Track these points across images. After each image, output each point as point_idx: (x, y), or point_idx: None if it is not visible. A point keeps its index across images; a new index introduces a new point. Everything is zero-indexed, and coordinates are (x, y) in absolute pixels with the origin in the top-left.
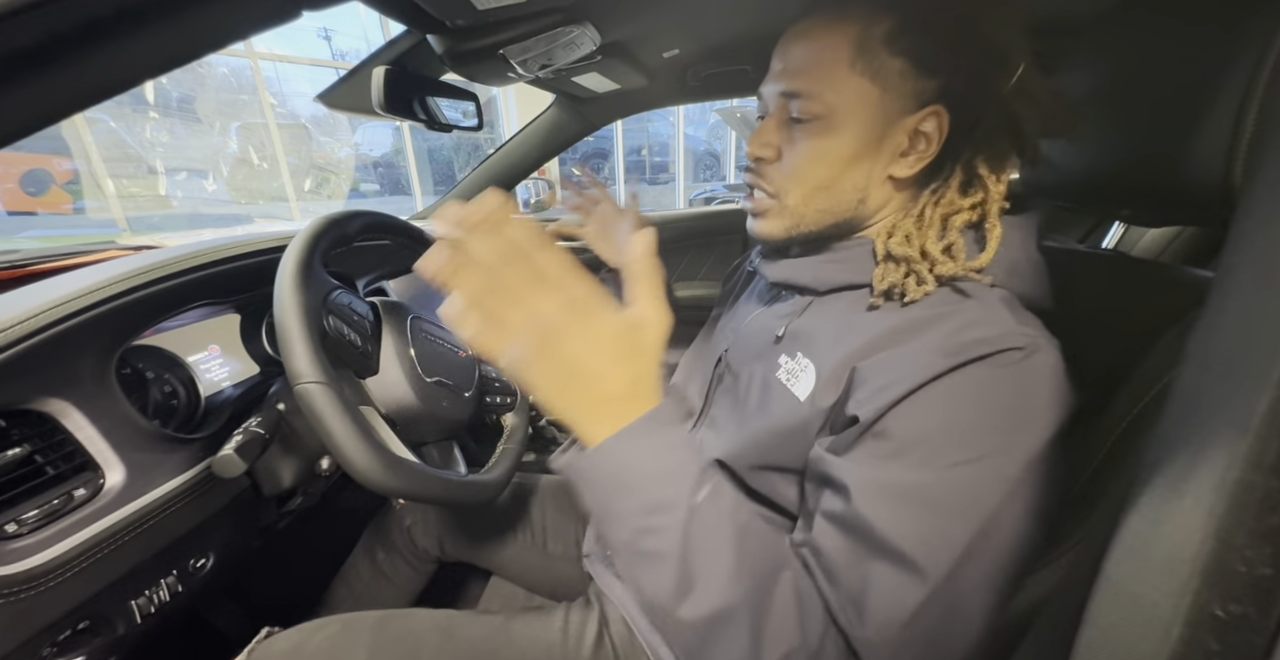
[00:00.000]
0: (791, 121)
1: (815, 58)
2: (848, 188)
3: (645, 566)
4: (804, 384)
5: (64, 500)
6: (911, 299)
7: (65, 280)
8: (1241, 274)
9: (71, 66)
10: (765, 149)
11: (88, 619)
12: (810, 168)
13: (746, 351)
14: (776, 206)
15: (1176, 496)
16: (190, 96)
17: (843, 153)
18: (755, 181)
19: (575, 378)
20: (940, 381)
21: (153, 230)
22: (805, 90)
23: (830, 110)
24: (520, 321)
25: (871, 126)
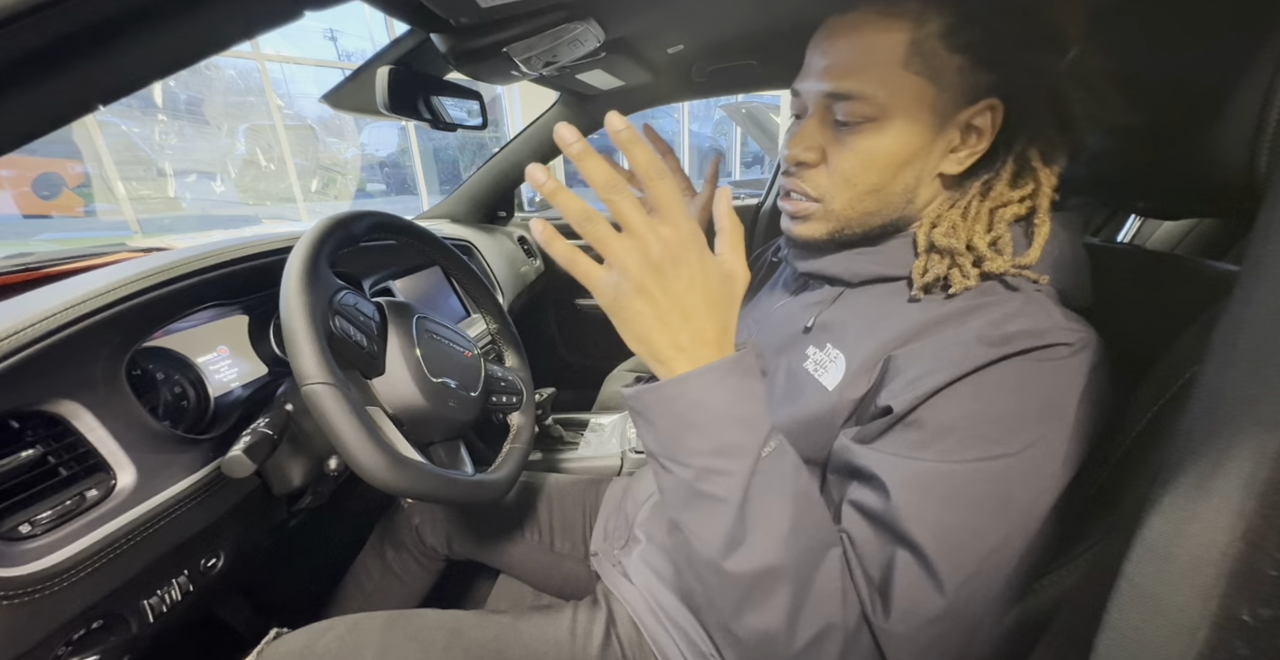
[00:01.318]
0: (836, 123)
1: (866, 57)
2: (897, 190)
3: (702, 510)
4: (833, 374)
5: (76, 501)
6: (954, 292)
7: (76, 283)
8: (1270, 266)
9: (81, 68)
10: (810, 152)
11: (102, 618)
12: (860, 172)
13: (770, 342)
14: (821, 210)
15: (1202, 496)
16: (198, 99)
17: (895, 156)
18: (797, 186)
19: (673, 314)
20: (982, 373)
21: (163, 232)
22: (857, 92)
23: (883, 112)
24: (630, 248)
25: (926, 127)
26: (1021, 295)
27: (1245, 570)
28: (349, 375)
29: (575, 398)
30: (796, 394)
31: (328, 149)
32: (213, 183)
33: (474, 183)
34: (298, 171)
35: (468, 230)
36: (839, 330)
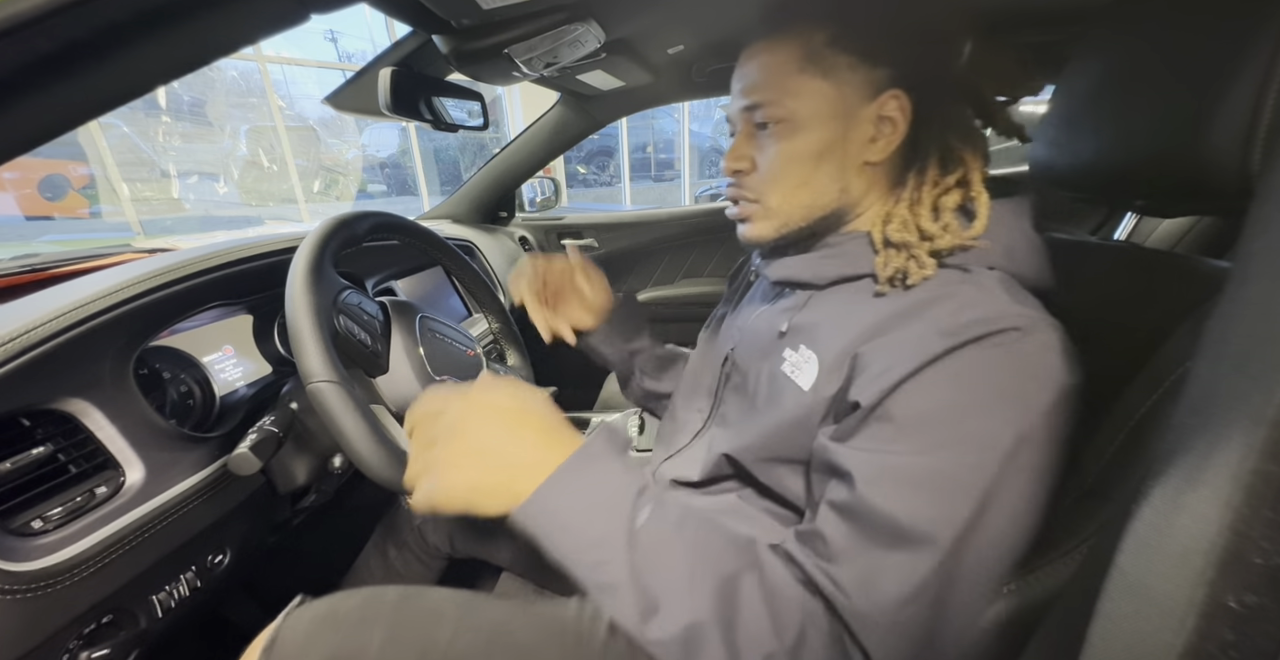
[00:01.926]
0: (759, 130)
1: (767, 71)
2: (824, 180)
3: (606, 598)
4: (807, 374)
5: (86, 498)
6: (913, 282)
7: (84, 283)
8: (1260, 262)
9: (91, 72)
10: (740, 161)
11: (112, 613)
12: (785, 168)
13: (752, 349)
14: (760, 210)
15: (1191, 487)
16: (201, 100)
17: (811, 148)
18: (737, 193)
19: (485, 458)
20: (939, 363)
21: (166, 233)
22: (764, 100)
23: (791, 113)
24: (415, 458)
25: (833, 119)
26: (975, 284)
27: (1232, 559)
28: (353, 374)
29: (577, 396)
30: (777, 397)
31: (329, 150)
32: (215, 184)
33: (475, 183)
34: (299, 172)
35: (469, 230)
36: (811, 331)
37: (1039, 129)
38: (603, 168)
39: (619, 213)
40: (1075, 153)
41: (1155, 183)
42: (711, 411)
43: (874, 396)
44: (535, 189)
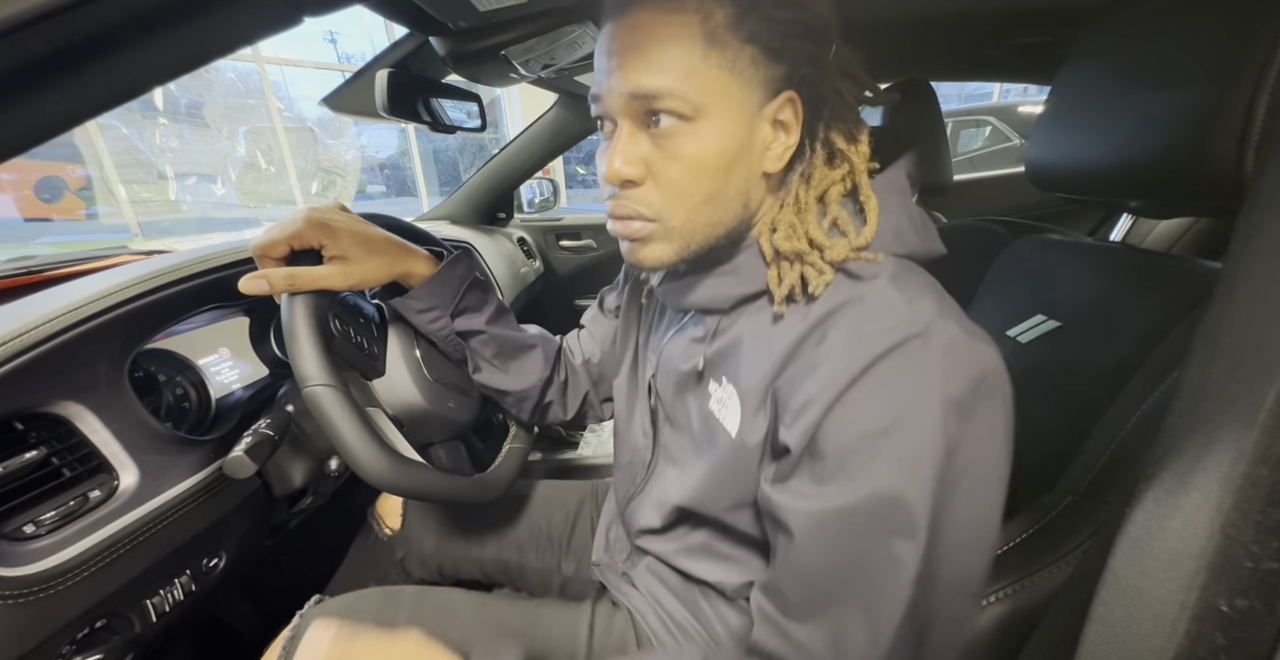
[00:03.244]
0: (651, 130)
1: (665, 53)
2: (731, 194)
3: None
4: (731, 416)
5: (80, 502)
6: (815, 292)
7: (79, 286)
8: (1250, 264)
9: (85, 74)
10: (631, 168)
11: (105, 617)
12: (692, 181)
13: (670, 382)
14: (659, 230)
15: (1183, 491)
16: (198, 102)
17: (721, 157)
18: (627, 207)
19: None
20: (853, 389)
21: (164, 235)
22: (665, 89)
23: (697, 109)
24: None
25: (740, 123)
26: (869, 289)
27: (1223, 563)
28: (349, 376)
29: None
30: (712, 439)
31: (328, 151)
32: (213, 185)
33: (473, 185)
34: (298, 174)
35: (467, 232)
36: (726, 362)
37: (1035, 130)
38: None
39: None
40: (1070, 154)
41: (1150, 184)
42: (654, 442)
43: (800, 437)
44: (534, 190)
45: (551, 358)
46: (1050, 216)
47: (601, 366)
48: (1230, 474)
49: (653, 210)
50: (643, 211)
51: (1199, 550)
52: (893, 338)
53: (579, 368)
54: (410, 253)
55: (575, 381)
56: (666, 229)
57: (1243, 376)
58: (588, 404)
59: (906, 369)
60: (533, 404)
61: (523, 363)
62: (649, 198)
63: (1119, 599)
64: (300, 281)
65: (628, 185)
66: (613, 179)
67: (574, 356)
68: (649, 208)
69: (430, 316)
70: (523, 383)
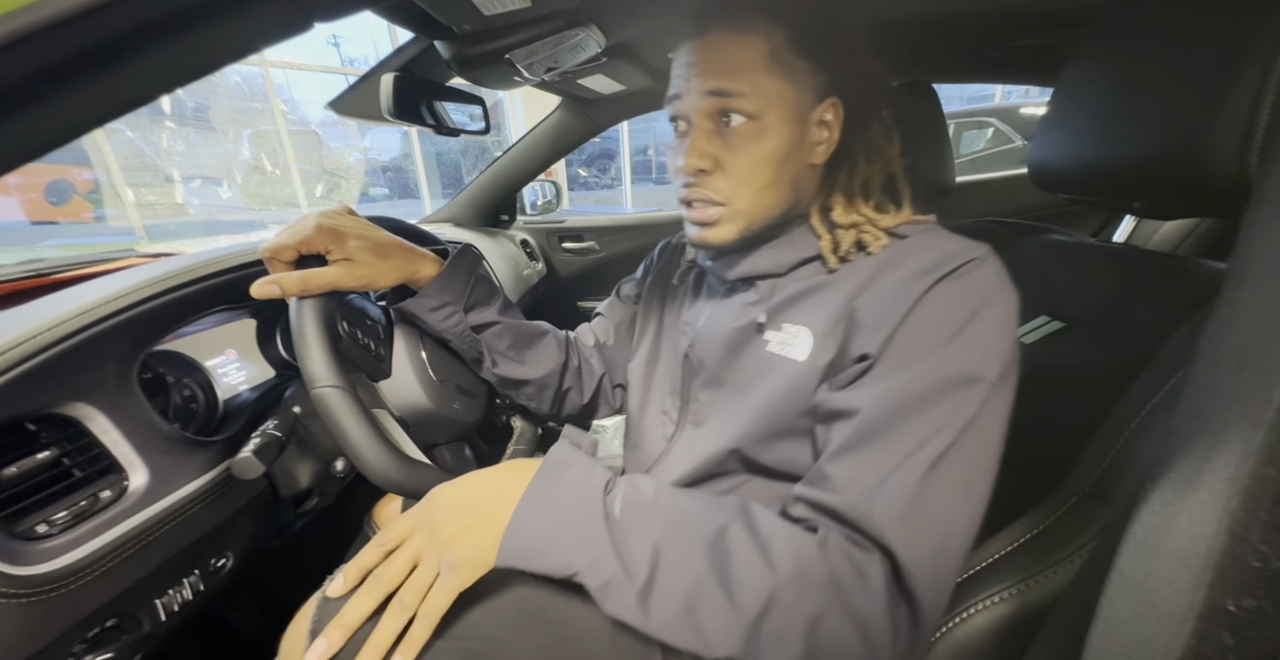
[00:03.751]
0: (722, 128)
1: (737, 64)
2: (787, 182)
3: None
4: (800, 346)
5: (91, 502)
6: (873, 251)
7: (88, 288)
8: (1256, 264)
9: (97, 80)
10: (704, 160)
11: (115, 616)
12: (755, 170)
13: (718, 345)
14: (728, 212)
15: (1190, 491)
16: (204, 105)
17: (778, 152)
18: (700, 193)
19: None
20: (923, 301)
21: (170, 237)
22: (737, 90)
23: (761, 111)
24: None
25: (794, 123)
26: (928, 236)
27: (1230, 562)
28: (356, 378)
29: None
30: (766, 375)
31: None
32: (219, 188)
33: (476, 187)
34: (302, 176)
35: (470, 234)
36: (789, 310)
37: (1037, 131)
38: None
39: (620, 215)
40: (1073, 154)
41: (1153, 184)
42: (682, 413)
43: (878, 346)
44: (536, 192)
45: (564, 344)
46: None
47: (614, 352)
48: (1237, 474)
49: (722, 195)
50: (713, 197)
51: (1206, 550)
52: (957, 260)
53: (592, 351)
54: (418, 255)
55: (589, 367)
56: (733, 211)
57: (1249, 376)
58: (601, 390)
59: (970, 282)
60: (553, 392)
61: (538, 351)
62: (719, 185)
63: (1125, 599)
64: (312, 284)
65: (700, 174)
66: (688, 170)
67: (585, 343)
68: (719, 193)
69: (444, 313)
70: (541, 370)
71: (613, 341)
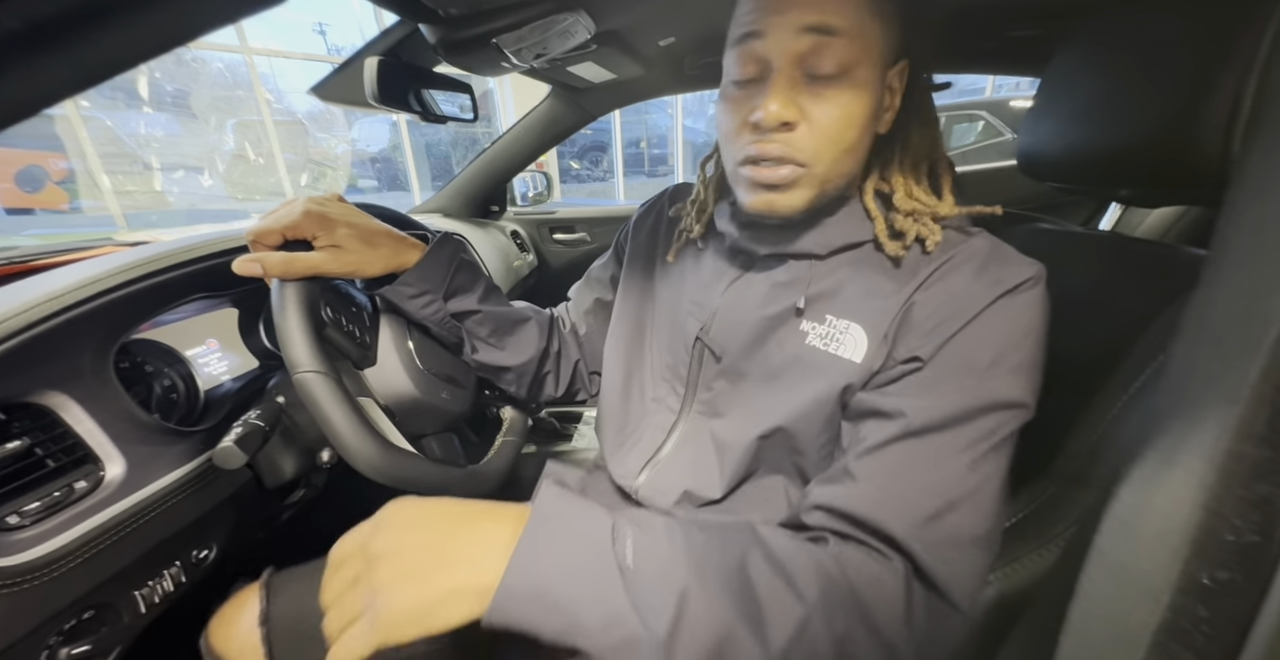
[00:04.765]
0: (807, 78)
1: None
2: (862, 147)
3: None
4: (852, 346)
5: (65, 492)
6: (931, 248)
7: (62, 274)
8: (1235, 246)
9: (61, 51)
10: (791, 109)
11: (93, 608)
12: (843, 129)
13: (742, 329)
14: (806, 175)
15: (1168, 468)
16: (185, 93)
17: (867, 109)
18: (779, 151)
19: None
20: (985, 313)
21: (150, 227)
22: (841, 27)
23: (857, 60)
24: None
25: (879, 80)
26: (979, 239)
27: (1205, 537)
28: (340, 366)
29: None
30: (812, 373)
31: (318, 143)
32: (200, 177)
33: (466, 177)
34: (287, 166)
35: (460, 225)
36: (833, 301)
37: (1025, 120)
38: (596, 163)
39: (612, 206)
40: (1061, 143)
41: (1139, 172)
42: (686, 401)
43: (930, 351)
44: (527, 183)
45: (545, 329)
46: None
47: (588, 338)
48: (1214, 450)
49: (805, 155)
50: (796, 156)
51: (1183, 525)
52: (1018, 277)
53: (568, 337)
54: (407, 244)
55: (567, 351)
56: (811, 175)
57: (1226, 354)
58: (578, 376)
59: (1026, 302)
60: (530, 378)
61: (519, 337)
62: (802, 142)
63: (1105, 575)
64: (295, 266)
65: (782, 129)
66: (770, 121)
67: (564, 326)
68: (801, 152)
69: (423, 301)
70: (521, 357)
71: (584, 329)
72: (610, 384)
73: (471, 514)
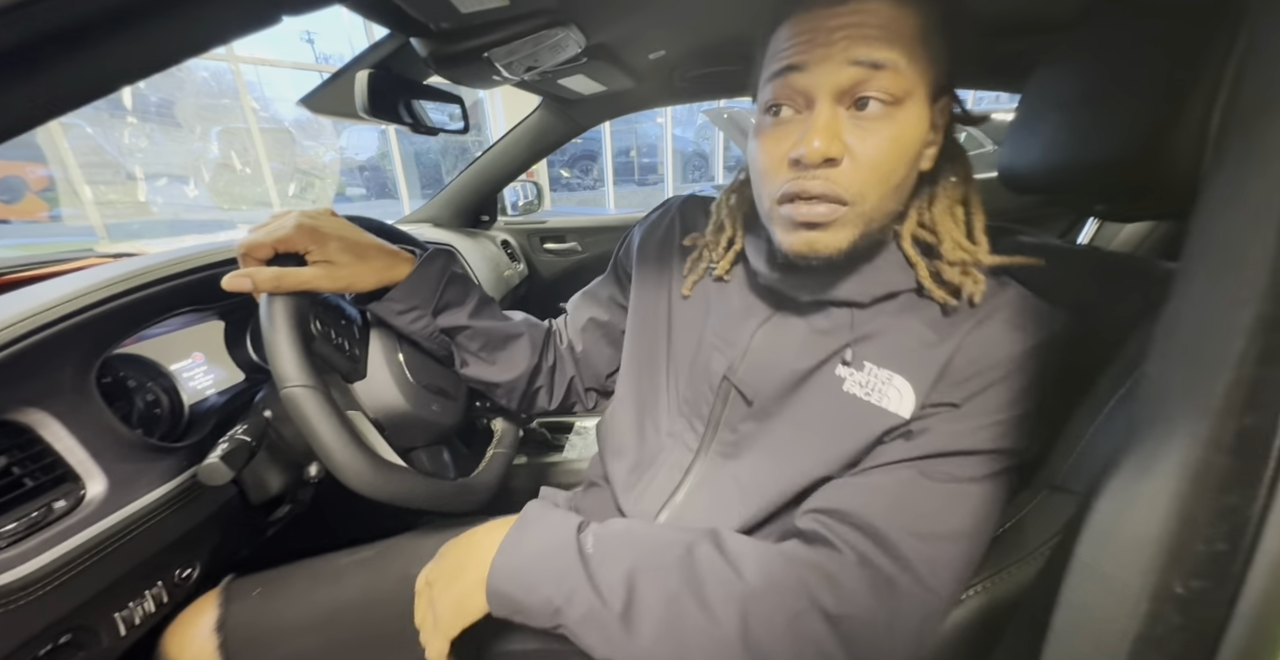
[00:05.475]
0: (854, 110)
1: (895, 31)
2: (908, 186)
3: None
4: (897, 398)
5: (43, 512)
6: (978, 301)
7: (42, 289)
8: (1202, 261)
9: (53, 70)
10: (836, 145)
11: (70, 632)
12: (892, 165)
13: (778, 373)
14: (850, 214)
15: (1145, 479)
16: (169, 101)
17: (915, 145)
18: (826, 189)
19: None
20: (1017, 369)
21: (133, 237)
22: (891, 62)
23: (905, 94)
24: None
25: (926, 115)
26: (1013, 290)
27: (1179, 546)
28: (330, 379)
29: None
30: (852, 423)
31: (305, 152)
32: (185, 187)
33: (456, 187)
34: (274, 175)
35: (450, 234)
36: (873, 349)
37: (1007, 134)
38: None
39: (603, 216)
40: (1040, 157)
41: (1114, 187)
42: (706, 440)
43: (963, 397)
44: (518, 193)
45: (539, 344)
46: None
47: (586, 356)
48: (1187, 460)
49: (850, 193)
50: (840, 194)
51: (1158, 535)
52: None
53: (565, 352)
54: (399, 258)
55: (562, 367)
56: (856, 213)
57: (1196, 366)
58: (573, 391)
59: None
60: (521, 393)
61: (510, 353)
62: (847, 179)
63: (1086, 584)
64: (286, 282)
65: (826, 165)
66: (813, 157)
67: (561, 341)
68: (846, 190)
69: (411, 317)
70: (511, 373)
71: (580, 346)
72: (623, 418)
73: (481, 531)
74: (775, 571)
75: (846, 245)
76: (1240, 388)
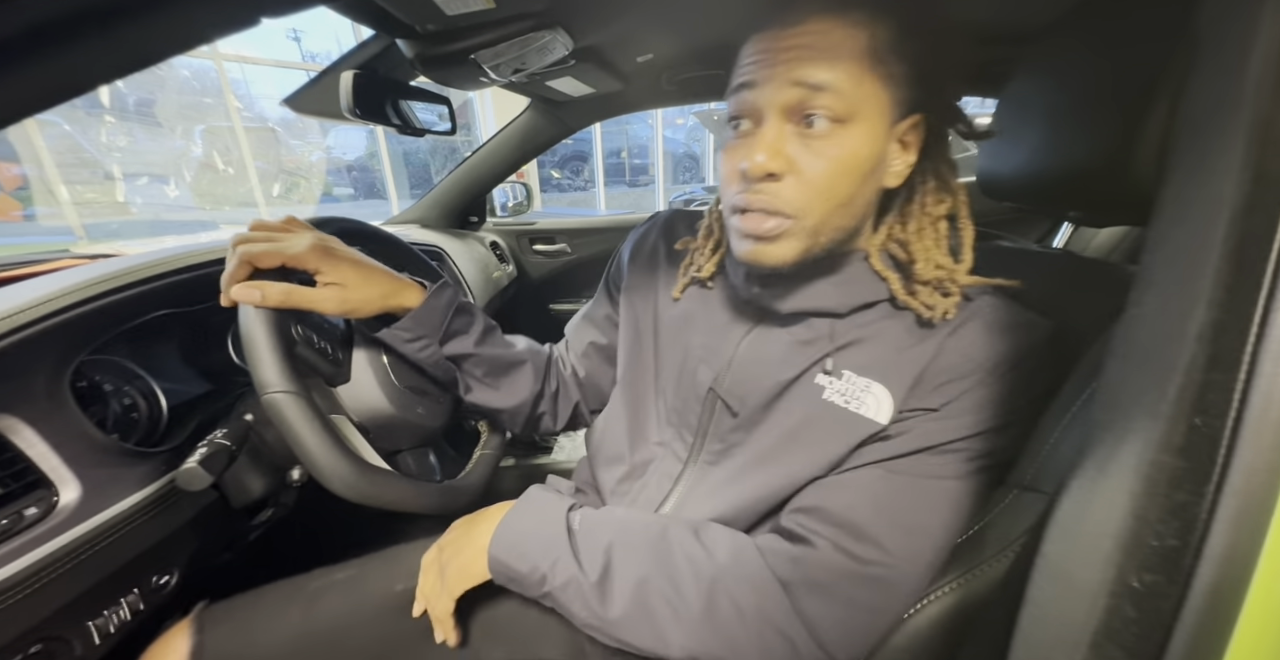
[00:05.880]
0: (802, 128)
1: (836, 53)
2: (861, 203)
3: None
4: (875, 405)
5: (13, 520)
6: (950, 316)
7: (15, 291)
8: (1155, 270)
9: (26, 69)
10: (778, 161)
11: (41, 641)
12: (834, 182)
13: (762, 383)
14: (794, 227)
15: (1103, 478)
16: (150, 99)
17: (864, 162)
18: (766, 202)
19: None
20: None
21: (111, 238)
22: (832, 83)
23: (853, 113)
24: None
25: (880, 134)
26: (992, 298)
27: (1134, 542)
28: (312, 383)
29: None
30: (832, 431)
31: (291, 152)
32: (166, 186)
33: (445, 188)
34: (259, 175)
35: (438, 236)
36: (852, 358)
37: (984, 142)
38: (577, 172)
39: (592, 218)
40: (1016, 164)
41: (1086, 194)
42: (694, 449)
43: (939, 402)
44: (507, 193)
45: (542, 370)
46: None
47: (589, 379)
48: (1140, 460)
49: (792, 207)
50: (782, 208)
51: (1115, 531)
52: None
53: (569, 378)
54: (404, 285)
55: (566, 391)
56: (801, 227)
57: (1151, 372)
58: (578, 414)
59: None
60: (525, 418)
61: (513, 379)
62: (789, 194)
63: (1049, 580)
64: (294, 299)
65: (768, 179)
66: (756, 171)
67: (564, 367)
68: (789, 205)
69: (419, 345)
70: (514, 399)
71: (583, 371)
72: (615, 428)
73: (491, 509)
74: (746, 556)
75: (793, 257)
76: (1190, 391)
